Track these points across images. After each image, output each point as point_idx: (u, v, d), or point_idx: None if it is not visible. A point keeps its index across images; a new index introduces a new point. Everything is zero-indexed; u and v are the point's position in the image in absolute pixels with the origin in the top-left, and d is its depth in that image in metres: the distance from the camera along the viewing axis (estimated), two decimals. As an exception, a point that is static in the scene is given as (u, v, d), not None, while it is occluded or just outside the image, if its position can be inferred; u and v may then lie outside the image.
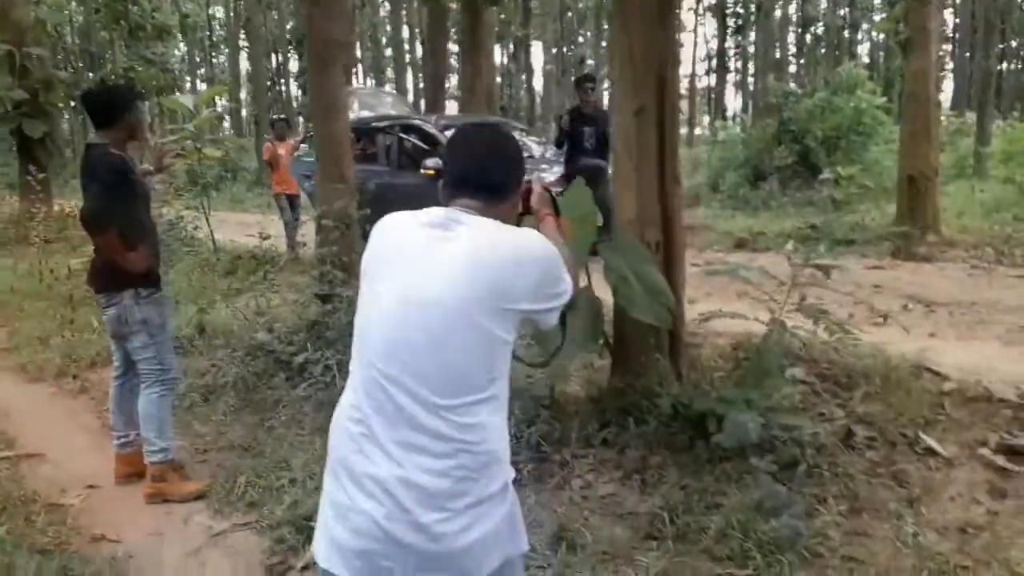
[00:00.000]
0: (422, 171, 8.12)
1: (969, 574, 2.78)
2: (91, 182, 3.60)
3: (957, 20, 38.66)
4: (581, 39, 47.05)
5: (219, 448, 4.29)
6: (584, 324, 3.68)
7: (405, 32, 39.31)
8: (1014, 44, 41.62)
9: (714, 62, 43.83)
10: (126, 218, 3.63)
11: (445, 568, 1.57)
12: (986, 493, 3.28)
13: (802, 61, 45.90)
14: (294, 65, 42.76)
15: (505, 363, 1.64)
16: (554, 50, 40.77)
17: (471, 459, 1.57)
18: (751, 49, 41.23)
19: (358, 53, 46.68)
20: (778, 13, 40.64)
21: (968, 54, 34.17)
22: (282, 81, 43.68)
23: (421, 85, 30.81)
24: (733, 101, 50.64)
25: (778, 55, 46.83)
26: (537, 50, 40.67)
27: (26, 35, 13.31)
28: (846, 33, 44.91)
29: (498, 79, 39.72)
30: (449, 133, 8.89)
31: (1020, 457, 3.45)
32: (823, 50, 45.09)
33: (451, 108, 22.85)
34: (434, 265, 1.60)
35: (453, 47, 27.51)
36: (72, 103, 21.33)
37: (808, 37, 45.11)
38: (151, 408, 3.73)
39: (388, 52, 47.36)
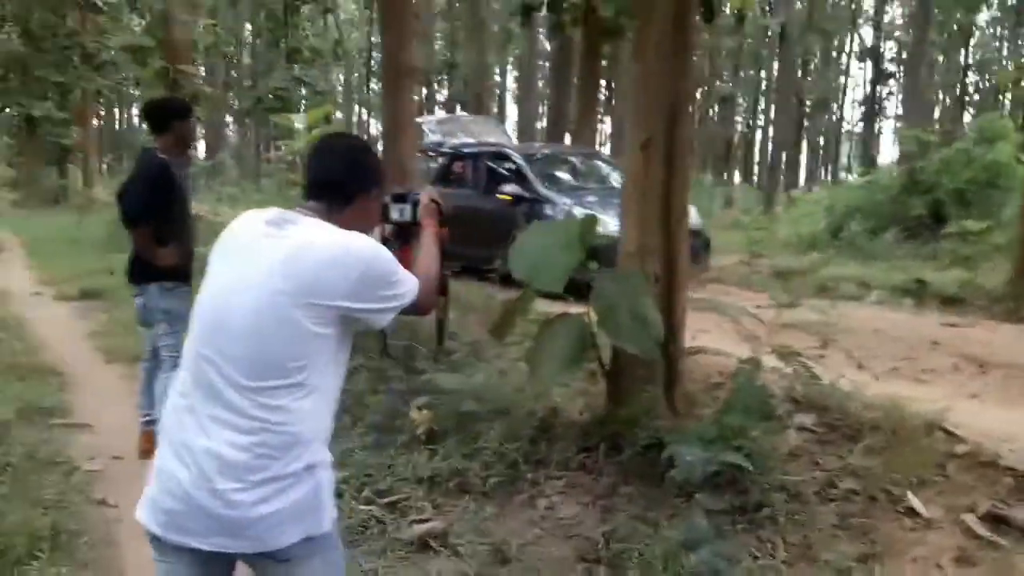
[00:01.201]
0: (498, 195, 8.38)
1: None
2: (132, 181, 4.01)
3: None
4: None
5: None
6: (567, 346, 3.75)
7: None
8: None
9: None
10: (161, 216, 4.01)
11: (239, 535, 1.71)
12: (952, 560, 3.09)
13: (971, 110, 43.50)
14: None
15: (321, 355, 1.76)
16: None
17: (273, 438, 1.71)
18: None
19: (508, 82, 48.01)
20: (941, 58, 38.79)
21: None
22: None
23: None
24: (892, 148, 48.56)
25: (946, 102, 44.59)
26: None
27: (181, 54, 14.58)
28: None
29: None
30: (535, 161, 9.14)
31: (1005, 527, 3.24)
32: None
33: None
34: (258, 259, 1.76)
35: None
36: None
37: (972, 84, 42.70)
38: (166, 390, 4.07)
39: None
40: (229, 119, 45.92)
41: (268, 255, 1.75)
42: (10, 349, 6.23)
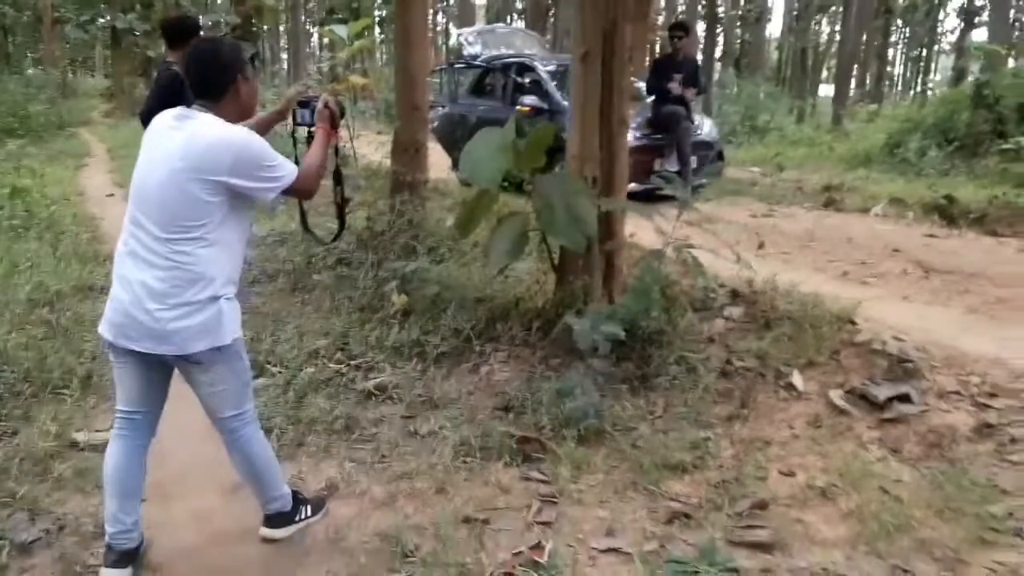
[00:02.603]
0: (517, 107, 8.83)
1: (704, 470, 3.28)
2: (150, 89, 4.74)
3: None
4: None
5: (255, 314, 5.40)
6: (508, 240, 4.34)
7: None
8: None
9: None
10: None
11: (162, 341, 2.46)
12: (804, 423, 3.65)
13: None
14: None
15: (214, 217, 2.45)
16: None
17: (182, 274, 2.44)
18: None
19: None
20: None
21: None
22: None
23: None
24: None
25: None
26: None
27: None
28: None
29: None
30: (558, 73, 9.52)
31: (861, 401, 3.76)
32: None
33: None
34: (165, 146, 2.47)
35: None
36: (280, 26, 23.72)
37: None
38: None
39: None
40: (311, 28, 46.48)
41: (171, 142, 2.45)
42: (76, 240, 7.17)
